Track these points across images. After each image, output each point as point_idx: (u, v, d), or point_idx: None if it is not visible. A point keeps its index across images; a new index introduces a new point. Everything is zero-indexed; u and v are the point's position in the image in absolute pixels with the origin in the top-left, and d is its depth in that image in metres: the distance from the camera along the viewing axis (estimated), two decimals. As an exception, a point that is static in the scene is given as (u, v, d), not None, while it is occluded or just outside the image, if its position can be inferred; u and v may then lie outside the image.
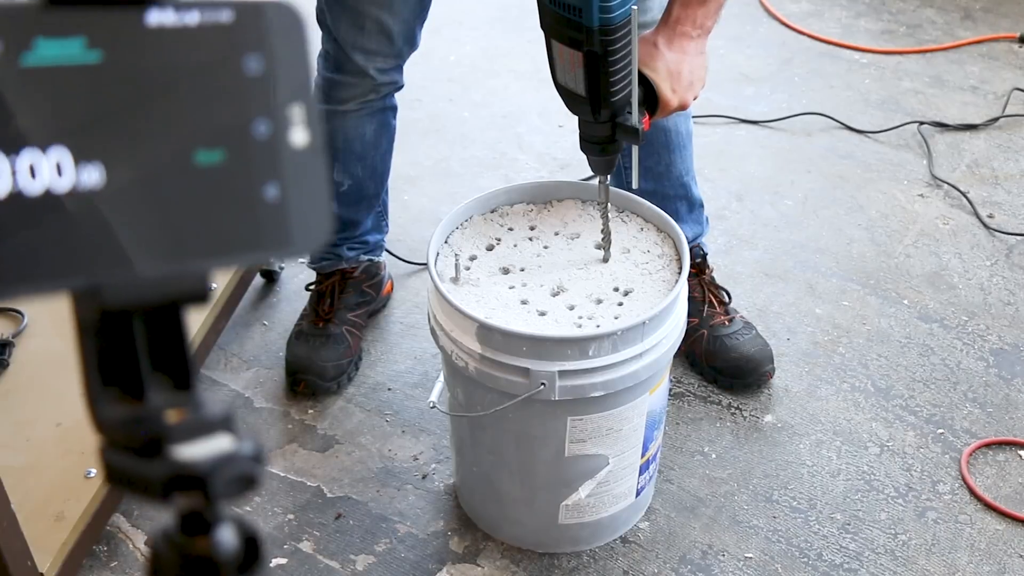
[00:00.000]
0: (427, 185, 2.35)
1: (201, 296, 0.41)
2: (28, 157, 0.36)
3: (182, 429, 0.41)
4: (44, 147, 0.36)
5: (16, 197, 0.35)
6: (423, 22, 1.67)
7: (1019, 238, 2.19)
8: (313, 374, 1.82)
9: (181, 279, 0.40)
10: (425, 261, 1.47)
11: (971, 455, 1.73)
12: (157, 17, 0.37)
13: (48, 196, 0.36)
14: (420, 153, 2.45)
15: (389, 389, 1.87)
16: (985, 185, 2.34)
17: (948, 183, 2.33)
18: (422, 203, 2.29)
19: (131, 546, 1.60)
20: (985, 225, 2.22)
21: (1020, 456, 1.74)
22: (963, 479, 1.69)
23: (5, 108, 0.35)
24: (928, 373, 1.89)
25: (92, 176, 0.37)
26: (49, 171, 0.36)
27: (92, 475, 1.56)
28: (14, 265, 0.36)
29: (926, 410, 1.82)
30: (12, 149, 0.35)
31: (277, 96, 0.40)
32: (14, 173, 0.35)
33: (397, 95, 1.78)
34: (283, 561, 1.58)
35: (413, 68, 1.76)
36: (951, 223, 2.24)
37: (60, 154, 0.36)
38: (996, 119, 2.54)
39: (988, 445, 1.75)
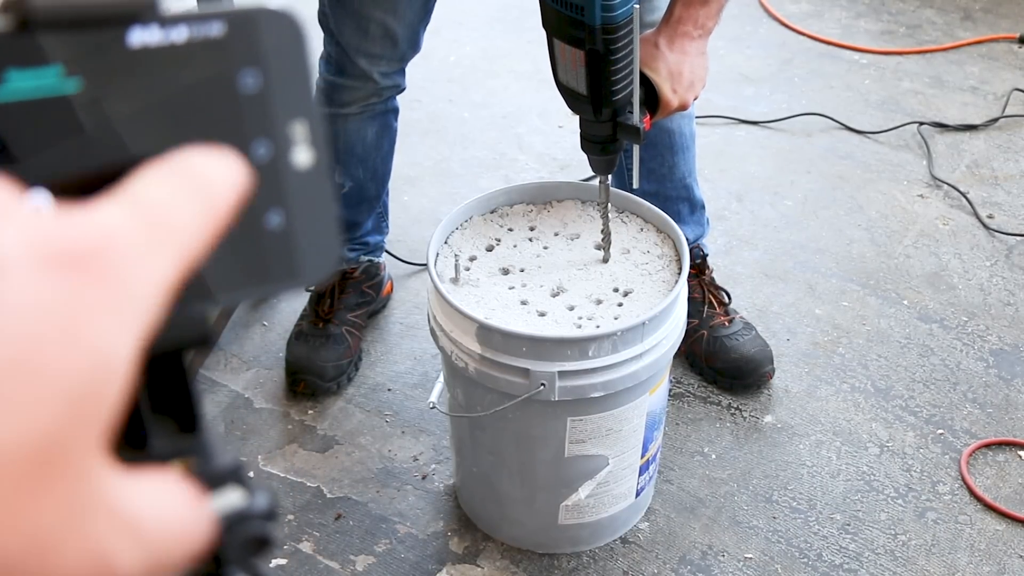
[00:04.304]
0: (427, 186, 2.35)
1: (202, 340, 0.38)
2: None
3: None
4: (24, 189, 0.33)
5: None
6: (426, 24, 1.67)
7: (1019, 239, 2.19)
8: (313, 374, 1.82)
9: (178, 324, 0.36)
10: (425, 262, 1.47)
11: (971, 455, 1.73)
12: (140, 36, 0.34)
13: None
14: (420, 154, 2.45)
15: (389, 390, 1.87)
16: (985, 185, 2.34)
17: (948, 183, 2.33)
18: (422, 204, 2.29)
19: (131, 546, 1.59)
20: (985, 226, 2.22)
21: (1020, 456, 1.74)
22: (963, 479, 1.69)
23: None
24: (928, 373, 1.89)
25: None
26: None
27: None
28: None
29: (926, 410, 1.82)
30: None
31: (276, 114, 0.36)
32: None
33: (398, 96, 1.78)
34: (283, 562, 1.58)
35: (413, 69, 1.76)
36: (951, 223, 2.24)
37: (41, 197, 0.33)
38: (996, 119, 2.54)
39: (988, 445, 1.75)
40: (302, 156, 0.37)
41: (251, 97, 0.36)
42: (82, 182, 0.34)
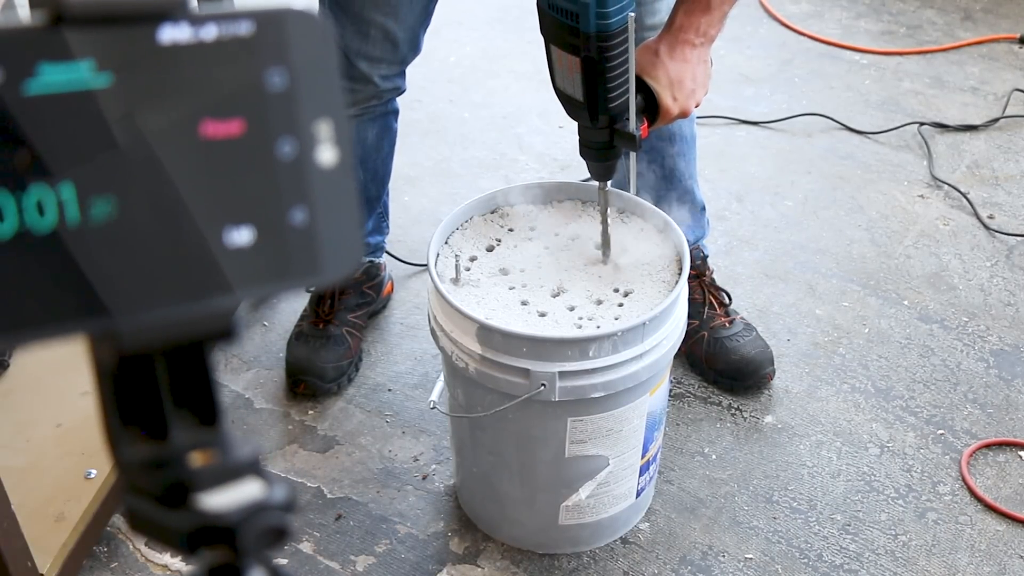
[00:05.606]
0: (427, 186, 2.35)
1: (228, 333, 0.38)
2: (36, 193, 0.33)
3: (208, 474, 0.38)
4: (53, 182, 0.33)
5: (23, 237, 0.33)
6: (427, 27, 1.67)
7: (1019, 239, 2.19)
8: (313, 375, 1.82)
9: (204, 317, 0.37)
10: (425, 262, 1.47)
11: (971, 456, 1.73)
12: (171, 34, 0.34)
13: (58, 234, 0.33)
14: (420, 154, 2.45)
15: (389, 390, 1.87)
16: (985, 186, 2.34)
17: (948, 184, 2.33)
18: (422, 204, 2.29)
19: (131, 547, 1.60)
20: (985, 226, 2.22)
21: (1020, 457, 1.74)
22: (963, 480, 1.69)
23: (9, 141, 0.32)
24: (928, 374, 1.89)
25: (105, 210, 0.34)
26: (59, 207, 0.33)
27: (92, 475, 1.56)
28: (21, 310, 0.33)
29: (926, 411, 1.82)
30: (18, 186, 0.33)
31: (302, 112, 0.37)
32: (21, 211, 0.33)
33: (398, 97, 1.78)
34: (283, 562, 1.58)
35: (414, 69, 1.76)
36: (951, 224, 2.24)
37: (70, 188, 0.34)
38: (996, 120, 2.54)
39: (988, 446, 1.75)
40: (327, 155, 0.38)
41: (278, 95, 0.36)
42: (108, 175, 0.35)
